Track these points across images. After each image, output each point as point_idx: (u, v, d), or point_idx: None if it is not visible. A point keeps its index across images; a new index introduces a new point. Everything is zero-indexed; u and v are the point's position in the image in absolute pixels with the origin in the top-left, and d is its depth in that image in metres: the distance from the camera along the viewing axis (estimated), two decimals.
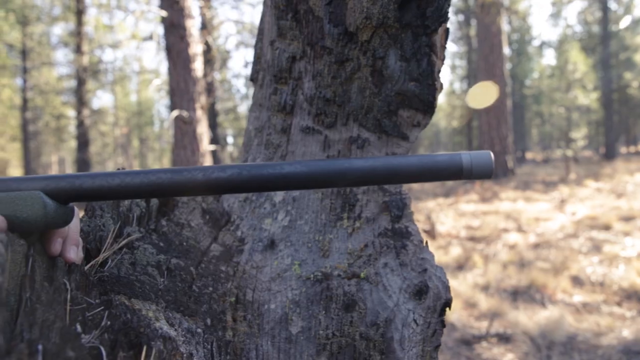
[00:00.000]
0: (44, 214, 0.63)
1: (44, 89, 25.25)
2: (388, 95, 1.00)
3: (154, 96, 33.90)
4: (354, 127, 1.04)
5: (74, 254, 0.70)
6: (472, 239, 7.48)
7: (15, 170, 30.06)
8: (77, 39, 19.20)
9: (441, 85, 1.03)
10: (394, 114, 1.01)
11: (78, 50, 19.06)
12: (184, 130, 7.95)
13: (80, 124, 18.14)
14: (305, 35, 1.04)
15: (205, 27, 12.06)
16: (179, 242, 0.96)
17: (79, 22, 18.90)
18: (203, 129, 8.14)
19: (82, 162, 17.47)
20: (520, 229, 7.94)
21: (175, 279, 0.87)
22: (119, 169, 0.88)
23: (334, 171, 0.59)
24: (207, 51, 11.32)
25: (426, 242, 0.98)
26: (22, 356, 0.49)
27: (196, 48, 8.33)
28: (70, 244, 0.70)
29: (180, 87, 8.10)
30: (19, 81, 24.48)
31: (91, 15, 21.07)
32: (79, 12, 19.01)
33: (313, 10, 1.01)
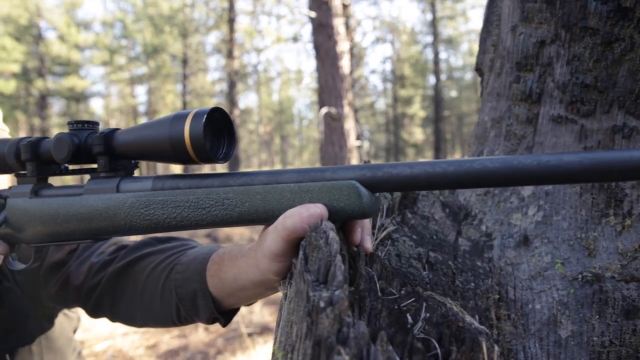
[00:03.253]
0: (360, 204, 0.65)
1: (200, 92, 27.86)
2: None
3: (294, 95, 35.53)
4: (618, 114, 0.94)
5: (371, 244, 0.72)
6: None
7: (176, 167, 33.64)
8: (228, 45, 20.87)
9: None
10: None
11: (230, 55, 20.69)
12: (332, 126, 8.18)
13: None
14: (560, 17, 0.96)
15: (349, 25, 12.28)
16: (429, 235, 0.96)
17: (231, 30, 20.51)
18: (350, 125, 8.30)
19: (233, 158, 18.92)
20: None
21: (438, 273, 0.86)
22: (366, 161, 0.89)
23: None
24: (351, 49, 11.53)
25: None
26: (383, 343, 0.50)
27: (343, 46, 8.51)
28: (366, 233, 0.72)
29: (329, 85, 8.35)
30: (179, 87, 27.31)
31: (240, 22, 22.71)
32: (231, 20, 20.63)
33: None
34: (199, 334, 4.60)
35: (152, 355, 4.24)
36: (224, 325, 0.94)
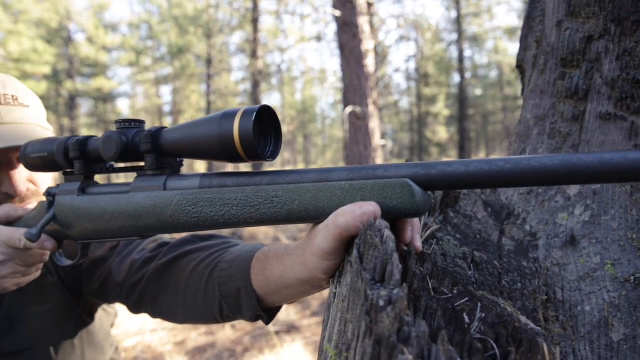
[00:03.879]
0: (414, 202, 0.64)
1: (224, 92, 28.05)
2: None
3: (318, 94, 35.56)
4: None
5: (420, 242, 0.71)
6: None
7: (200, 166, 33.99)
8: (252, 45, 20.96)
9: None
10: None
11: (254, 55, 20.79)
12: (357, 125, 8.15)
13: None
14: (609, 11, 0.94)
15: (373, 24, 12.22)
16: (473, 235, 0.94)
17: (255, 30, 20.61)
18: (375, 124, 8.26)
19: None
20: None
21: (484, 273, 0.84)
22: (407, 160, 0.87)
23: None
24: (375, 47, 11.47)
25: None
26: (444, 343, 0.50)
27: (368, 45, 8.47)
28: (416, 232, 0.71)
29: (353, 84, 8.32)
30: (203, 87, 27.58)
31: (264, 22, 22.84)
32: (255, 20, 20.72)
33: None
34: (226, 332, 4.64)
35: (181, 352, 4.30)
36: (267, 323, 0.94)
